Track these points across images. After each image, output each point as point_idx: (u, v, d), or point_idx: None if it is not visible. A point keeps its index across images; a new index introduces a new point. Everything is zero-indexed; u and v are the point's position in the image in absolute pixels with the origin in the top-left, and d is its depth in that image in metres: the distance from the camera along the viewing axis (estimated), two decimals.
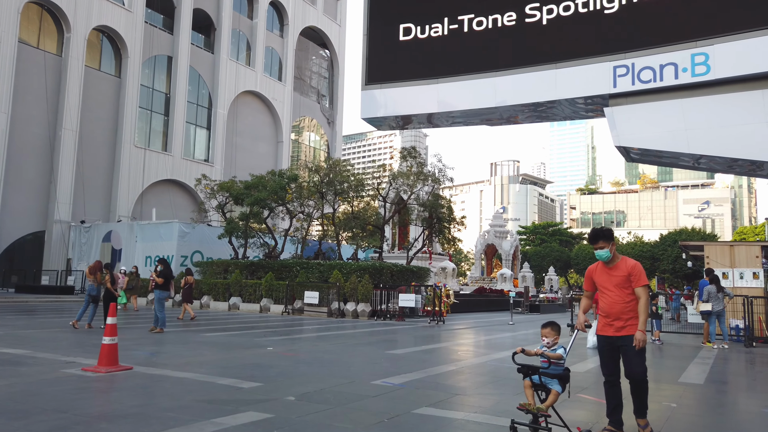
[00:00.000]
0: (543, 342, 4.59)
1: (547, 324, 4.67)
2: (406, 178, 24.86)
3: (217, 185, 24.90)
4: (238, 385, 6.17)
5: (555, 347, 4.51)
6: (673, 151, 16.91)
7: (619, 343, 4.50)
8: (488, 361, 9.00)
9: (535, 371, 4.40)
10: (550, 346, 4.51)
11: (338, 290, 19.34)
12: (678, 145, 16.74)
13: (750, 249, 15.11)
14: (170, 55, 41.08)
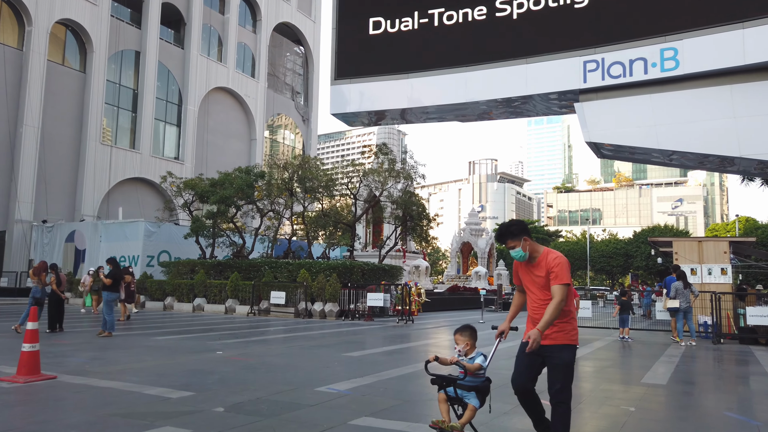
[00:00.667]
0: (456, 349, 3.99)
1: (462, 328, 4.00)
2: (377, 176, 24.42)
3: (182, 183, 24.13)
4: (167, 395, 5.66)
5: (473, 355, 3.93)
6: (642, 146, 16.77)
7: (544, 354, 3.75)
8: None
9: (451, 383, 3.81)
10: (466, 354, 3.96)
11: (305, 290, 18.83)
12: (648, 141, 16.60)
13: (718, 245, 15.02)
14: (138, 50, 39.99)
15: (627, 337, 13.31)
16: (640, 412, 5.59)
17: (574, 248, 61.37)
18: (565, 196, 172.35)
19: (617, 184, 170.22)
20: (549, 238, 77.40)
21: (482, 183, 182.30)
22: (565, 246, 64.66)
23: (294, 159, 24.08)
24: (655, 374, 8.09)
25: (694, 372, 8.57)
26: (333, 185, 24.22)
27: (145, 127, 39.67)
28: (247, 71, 49.26)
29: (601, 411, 5.61)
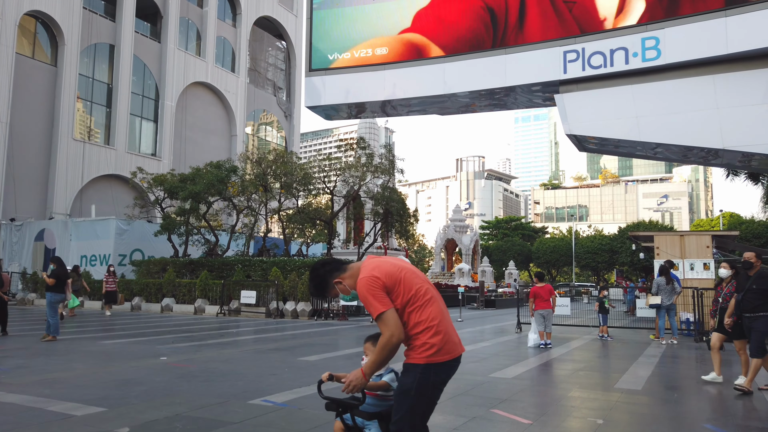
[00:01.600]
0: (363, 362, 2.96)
1: (374, 336, 3.02)
2: (355, 170, 23.71)
3: (151, 179, 23.23)
4: (71, 412, 4.94)
5: (382, 372, 3.03)
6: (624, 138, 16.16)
7: None
8: None
9: (348, 409, 2.96)
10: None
11: (277, 289, 18.09)
12: (629, 133, 15.99)
13: (700, 239, 14.52)
14: (112, 44, 38.86)
15: (606, 336, 12.76)
16: (609, 426, 4.97)
17: (560, 244, 61.07)
18: (552, 192, 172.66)
19: (603, 180, 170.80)
20: (535, 234, 77.16)
21: (470, 180, 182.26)
22: (550, 242, 64.36)
23: (268, 153, 23.26)
24: (632, 378, 7.50)
25: (674, 375, 7.99)
26: (310, 181, 23.46)
27: (120, 122, 38.58)
28: (227, 66, 48.24)
29: (564, 425, 4.98)
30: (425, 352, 2.65)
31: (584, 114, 15.56)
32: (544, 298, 10.96)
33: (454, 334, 2.79)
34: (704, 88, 14.27)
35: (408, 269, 2.81)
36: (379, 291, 2.64)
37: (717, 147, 14.32)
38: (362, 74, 17.50)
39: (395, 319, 2.61)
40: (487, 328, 15.58)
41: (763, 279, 6.55)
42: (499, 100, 17.14)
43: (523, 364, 8.58)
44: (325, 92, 17.98)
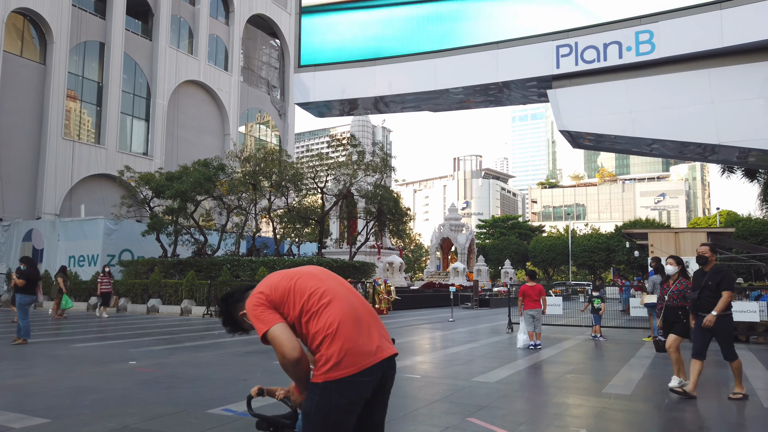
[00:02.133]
0: None
1: None
2: (346, 168, 23.33)
3: (138, 177, 22.80)
4: (10, 425, 4.55)
5: None
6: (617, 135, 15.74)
7: None
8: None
9: (280, 428, 2.54)
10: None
11: None
12: (623, 129, 15.58)
13: (696, 236, 14.17)
14: (102, 42, 38.40)
15: (599, 336, 12.40)
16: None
17: (556, 243, 60.82)
18: (549, 191, 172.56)
19: (600, 179, 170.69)
20: (532, 233, 76.89)
21: (467, 179, 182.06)
22: (547, 241, 64.09)
23: (257, 151, 22.86)
24: (621, 381, 7.13)
25: (666, 378, 7.62)
26: (300, 179, 23.06)
27: (111, 121, 38.12)
28: (220, 64, 47.80)
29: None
30: (322, 367, 2.21)
31: (577, 110, 15.17)
32: (534, 298, 10.59)
33: (366, 340, 2.25)
34: (699, 83, 13.90)
35: (305, 274, 2.40)
36: (262, 309, 2.27)
37: (713, 142, 13.95)
38: (352, 70, 17.10)
39: (283, 335, 2.22)
40: (478, 329, 15.21)
41: (717, 274, 6.08)
42: (493, 96, 16.74)
43: (509, 367, 8.21)
44: (315, 89, 17.56)
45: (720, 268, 6.23)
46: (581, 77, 14.58)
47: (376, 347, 2.29)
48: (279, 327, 2.24)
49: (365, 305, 2.41)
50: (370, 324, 2.34)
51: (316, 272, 2.44)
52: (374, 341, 2.29)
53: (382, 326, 2.40)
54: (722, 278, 6.05)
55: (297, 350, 2.21)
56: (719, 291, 6.02)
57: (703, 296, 6.16)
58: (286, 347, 2.20)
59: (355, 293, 2.43)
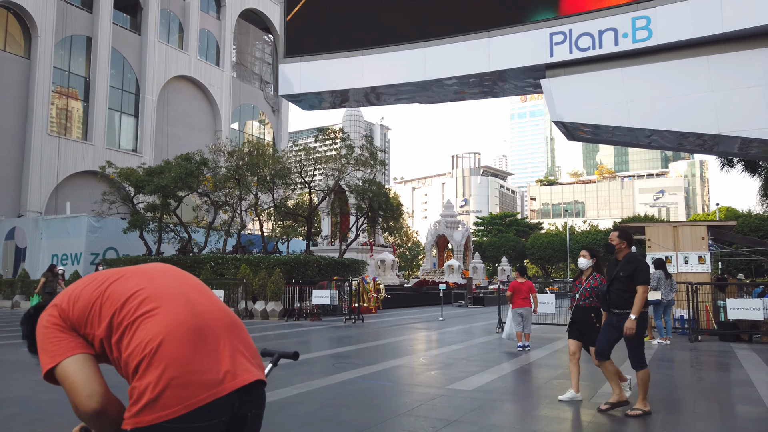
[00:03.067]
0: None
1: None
2: (334, 163, 22.61)
3: (117, 173, 22.06)
4: None
5: None
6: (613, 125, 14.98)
7: None
8: (355, 378, 6.84)
9: None
10: None
11: (245, 287, 16.98)
12: (619, 119, 14.79)
13: (695, 230, 13.45)
14: (89, 36, 37.62)
15: None
16: None
17: (554, 240, 60.12)
18: (548, 188, 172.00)
19: (599, 176, 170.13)
20: (530, 230, 76.21)
21: (465, 177, 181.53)
22: (544, 238, 63.38)
23: (243, 146, 22.13)
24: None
25: (663, 383, 6.91)
26: (287, 174, 22.33)
27: (98, 117, 37.37)
28: (211, 59, 47.05)
29: None
30: (132, 407, 1.48)
31: (572, 100, 14.42)
32: (524, 296, 9.86)
33: (209, 362, 1.52)
34: (698, 71, 13.17)
35: (129, 274, 1.68)
36: (51, 333, 1.57)
37: (713, 132, 13.20)
38: (339, 60, 16.36)
39: (77, 374, 1.51)
40: (467, 328, 14.50)
41: (630, 263, 5.16)
42: (488, 86, 16.02)
43: (492, 371, 7.49)
44: (300, 80, 16.82)
45: (633, 257, 5.30)
46: (576, 66, 13.87)
47: (225, 373, 1.53)
48: (72, 362, 1.52)
49: (220, 313, 1.66)
50: (221, 339, 1.59)
51: (150, 271, 1.71)
52: (223, 364, 1.55)
53: (245, 341, 1.66)
54: (636, 269, 5.09)
55: (96, 398, 1.49)
56: (632, 284, 5.07)
57: (614, 289, 5.19)
58: (79, 394, 1.48)
59: (206, 296, 1.69)
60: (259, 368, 1.64)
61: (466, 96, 18.05)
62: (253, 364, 1.62)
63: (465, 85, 15.71)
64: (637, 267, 5.12)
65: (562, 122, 14.69)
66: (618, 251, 5.32)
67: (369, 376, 7.04)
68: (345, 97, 17.55)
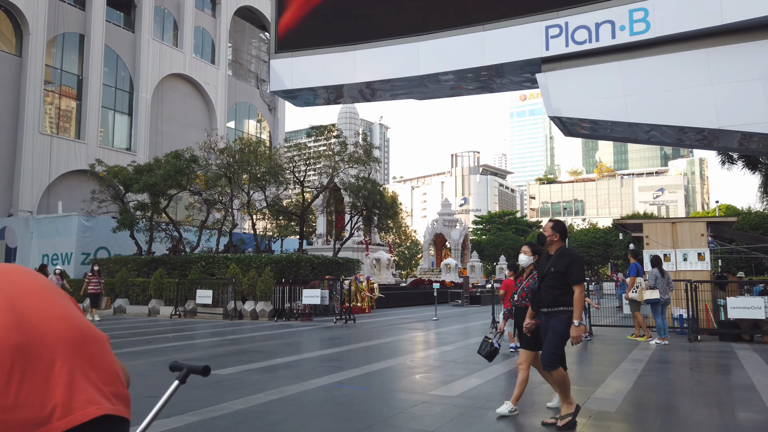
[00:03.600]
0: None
1: None
2: (327, 160, 22.23)
3: (105, 170, 21.64)
4: None
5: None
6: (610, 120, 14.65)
7: None
8: (331, 384, 6.46)
9: None
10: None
11: (234, 287, 16.60)
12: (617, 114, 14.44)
13: (694, 226, 13.07)
14: (82, 33, 37.21)
15: (585, 335, 11.34)
16: None
17: None
18: (547, 187, 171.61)
19: (599, 174, 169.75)
20: (529, 228, 75.83)
21: (465, 176, 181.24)
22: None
23: (234, 143, 21.72)
24: (607, 393, 6.03)
25: (660, 388, 6.53)
26: (279, 171, 21.93)
27: (92, 115, 36.95)
28: (207, 57, 46.62)
29: None
30: None
31: (568, 94, 14.07)
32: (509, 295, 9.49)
33: (35, 392, 1.12)
34: (697, 64, 12.80)
35: None
36: None
37: (712, 127, 12.85)
38: (331, 55, 16.02)
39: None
40: (461, 328, 14.13)
41: (563, 258, 4.64)
42: (484, 82, 15.71)
43: (480, 375, 7.12)
44: (292, 76, 16.48)
45: (567, 251, 4.80)
46: (572, 60, 13.56)
47: (54, 407, 1.13)
48: None
49: (64, 325, 1.24)
50: (57, 359, 1.18)
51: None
52: (54, 394, 1.14)
53: (98, 362, 1.25)
54: (569, 265, 4.55)
55: None
56: (565, 281, 4.56)
57: (544, 286, 4.67)
58: None
59: (49, 303, 1.28)
60: (115, 398, 1.22)
61: (463, 91, 17.72)
62: (105, 393, 1.21)
63: (461, 80, 15.39)
64: (571, 263, 4.59)
65: (558, 117, 14.34)
66: (549, 244, 4.79)
67: (349, 381, 6.66)
68: (339, 93, 17.21)
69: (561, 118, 15.14)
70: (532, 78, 15.76)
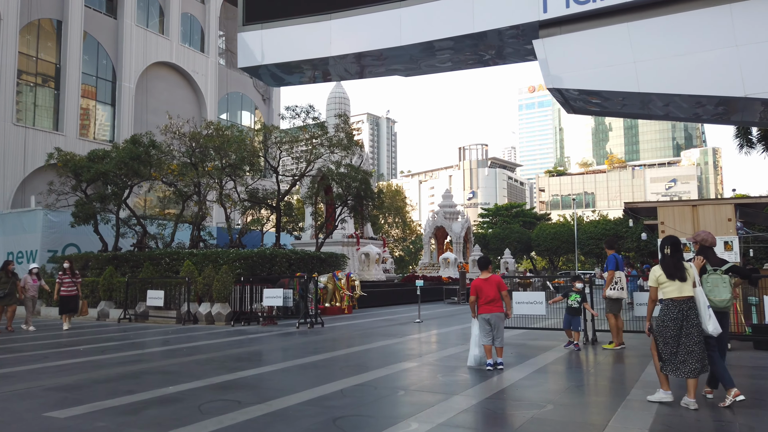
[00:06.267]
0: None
1: None
2: (306, 145, 20.15)
3: (56, 158, 19.67)
4: None
5: None
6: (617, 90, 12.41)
7: None
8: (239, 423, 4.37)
9: None
10: None
11: (187, 287, 14.58)
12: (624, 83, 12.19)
13: (720, 210, 10.84)
14: (60, 20, 35.34)
15: (572, 343, 9.22)
16: None
17: (561, 230, 57.27)
18: (557, 179, 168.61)
19: (609, 166, 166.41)
20: (537, 221, 73.39)
21: (473, 169, 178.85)
22: (551, 228, 60.57)
23: (203, 127, 19.70)
24: None
25: (685, 427, 4.38)
26: (253, 158, 19.89)
27: (70, 105, 35.11)
28: (196, 45, 44.66)
29: None
30: None
31: (570, 62, 11.86)
32: (490, 297, 7.34)
33: None
34: (719, 22, 10.57)
35: None
36: None
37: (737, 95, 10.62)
38: (304, 26, 13.96)
39: None
40: (442, 334, 12.04)
41: None
42: (477, 53, 13.62)
43: (440, 409, 5.03)
44: (263, 50, 14.45)
45: None
46: (573, 23, 11.40)
47: None
48: None
49: None
50: None
51: None
52: None
53: None
54: None
55: None
56: None
57: None
58: None
59: None
60: None
61: (458, 65, 15.50)
62: None
63: (451, 51, 13.25)
64: None
65: (558, 89, 12.08)
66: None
67: (230, 429, 4.57)
68: (326, 72, 15.11)
69: (561, 90, 12.57)
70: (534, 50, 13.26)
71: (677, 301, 5.32)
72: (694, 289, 5.36)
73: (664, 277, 5.42)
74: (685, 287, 5.35)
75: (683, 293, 5.34)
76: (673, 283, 5.36)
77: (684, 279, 5.35)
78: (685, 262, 5.49)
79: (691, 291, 5.34)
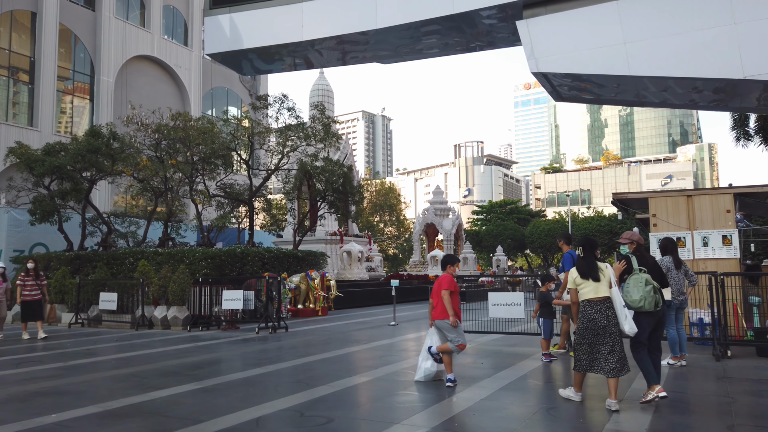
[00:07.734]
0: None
1: None
2: (279, 136, 19.04)
3: (12, 153, 18.51)
4: None
5: None
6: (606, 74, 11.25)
7: None
8: None
9: None
10: None
11: (142, 288, 13.45)
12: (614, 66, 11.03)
13: (717, 200, 9.77)
14: (34, 11, 34.10)
15: (550, 357, 8.08)
16: None
17: (555, 227, 56.18)
18: (553, 176, 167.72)
19: (605, 162, 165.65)
20: (532, 218, 72.36)
21: (468, 166, 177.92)
22: (545, 225, 59.49)
23: (171, 119, 18.56)
24: None
25: None
26: (224, 151, 18.77)
27: (45, 100, 33.91)
28: (179, 38, 43.49)
29: None
30: None
31: (555, 44, 10.76)
32: (434, 301, 6.32)
33: None
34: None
35: None
36: None
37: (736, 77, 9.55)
38: (274, 9, 12.91)
39: None
40: (413, 339, 10.97)
41: None
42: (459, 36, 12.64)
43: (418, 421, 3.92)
44: (231, 35, 13.39)
45: None
46: (559, 2, 10.36)
47: None
48: None
49: None
50: None
51: None
52: None
53: None
54: None
55: None
56: None
57: None
58: None
59: None
60: None
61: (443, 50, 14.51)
62: None
63: (443, 36, 12.27)
64: None
65: (544, 74, 11.00)
66: None
67: None
68: (306, 58, 14.01)
69: (547, 74, 11.39)
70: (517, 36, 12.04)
71: (593, 301, 5.32)
72: (611, 289, 5.32)
73: (580, 278, 5.42)
74: (601, 287, 5.32)
75: (599, 294, 5.31)
76: (589, 283, 5.36)
77: (598, 279, 5.33)
78: (600, 263, 5.48)
79: (607, 291, 5.31)
